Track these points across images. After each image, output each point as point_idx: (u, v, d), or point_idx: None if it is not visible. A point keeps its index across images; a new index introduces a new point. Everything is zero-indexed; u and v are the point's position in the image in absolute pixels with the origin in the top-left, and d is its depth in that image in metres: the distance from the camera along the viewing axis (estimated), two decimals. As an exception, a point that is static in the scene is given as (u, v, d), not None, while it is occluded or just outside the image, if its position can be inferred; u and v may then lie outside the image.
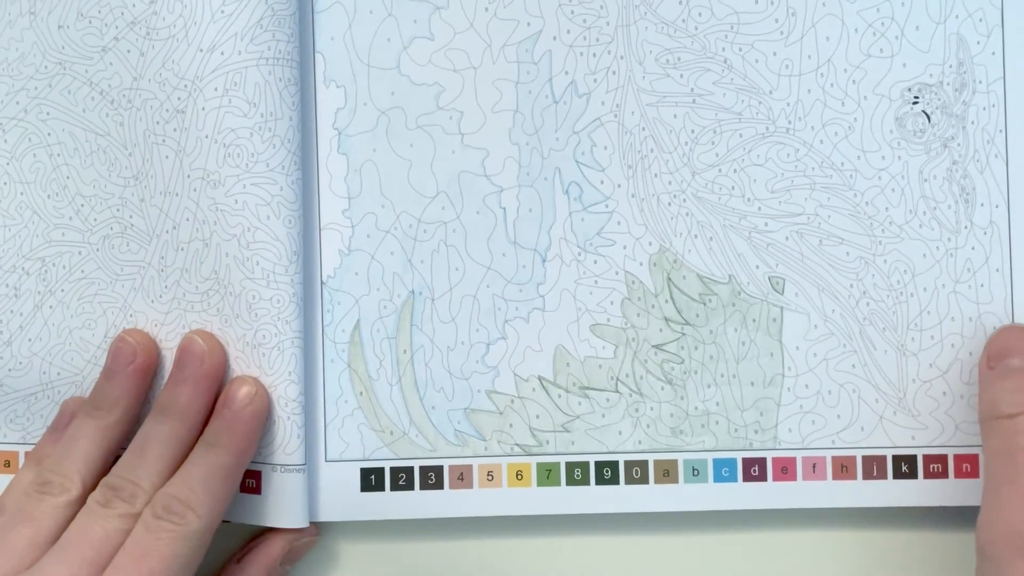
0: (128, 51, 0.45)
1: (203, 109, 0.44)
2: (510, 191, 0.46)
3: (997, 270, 0.45)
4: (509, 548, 0.47)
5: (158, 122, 0.45)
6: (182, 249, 0.45)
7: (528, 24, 0.46)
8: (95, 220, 0.46)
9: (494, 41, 0.46)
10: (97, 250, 0.46)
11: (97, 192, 0.46)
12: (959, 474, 0.46)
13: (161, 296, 0.46)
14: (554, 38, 0.46)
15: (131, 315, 0.46)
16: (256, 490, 0.45)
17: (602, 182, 0.46)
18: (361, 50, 0.46)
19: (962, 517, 0.46)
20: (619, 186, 0.46)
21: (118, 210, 0.46)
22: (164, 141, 0.44)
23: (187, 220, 0.45)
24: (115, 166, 0.46)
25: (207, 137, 0.44)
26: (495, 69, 0.46)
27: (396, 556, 0.47)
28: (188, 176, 0.44)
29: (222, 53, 0.44)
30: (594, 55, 0.46)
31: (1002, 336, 0.44)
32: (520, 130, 0.46)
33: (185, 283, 0.45)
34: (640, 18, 0.46)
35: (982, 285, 0.45)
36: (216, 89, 0.44)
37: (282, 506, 0.44)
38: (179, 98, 0.44)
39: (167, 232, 0.45)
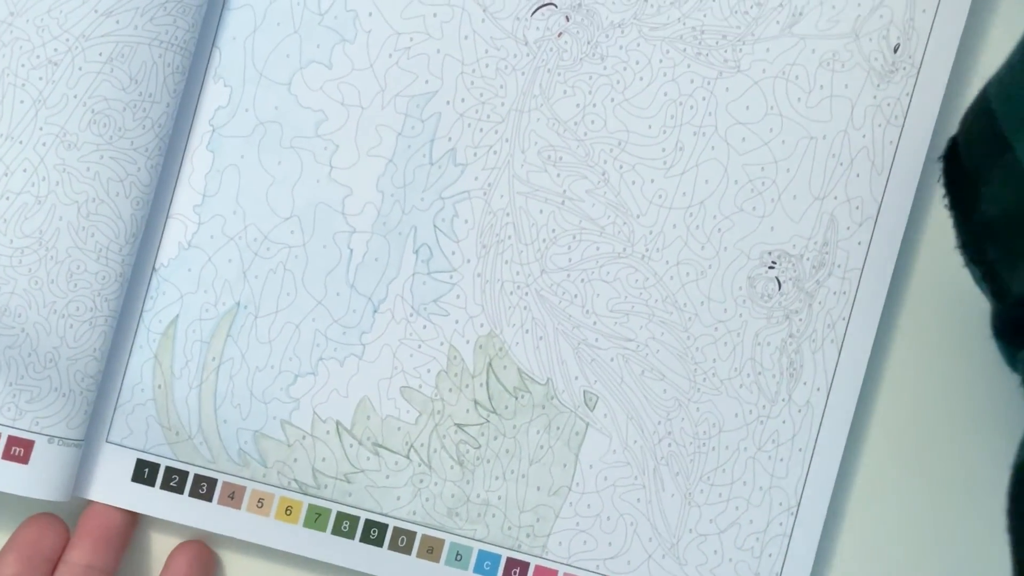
0: None
1: (80, 69, 0.43)
2: (362, 235, 0.46)
3: (800, 450, 0.46)
4: (260, 573, 0.47)
5: (23, 65, 0.43)
6: (7, 198, 0.43)
7: (426, 82, 0.46)
8: None
9: (388, 87, 0.46)
10: None
11: None
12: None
13: None
14: (447, 102, 0.46)
15: None
16: (23, 459, 0.44)
17: (453, 253, 0.46)
18: (258, 57, 0.46)
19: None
20: (468, 261, 0.46)
21: None
22: (24, 86, 0.43)
23: (24, 171, 0.43)
24: None
25: (76, 97, 0.43)
26: (382, 114, 0.46)
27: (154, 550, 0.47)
28: (41, 128, 0.43)
29: (117, 22, 0.43)
30: (481, 130, 0.46)
31: None
32: (389, 180, 0.46)
33: None
34: (535, 108, 0.46)
35: (781, 459, 0.46)
36: (101, 54, 0.43)
37: (47, 477, 0.44)
38: (56, 49, 0.43)
39: None
